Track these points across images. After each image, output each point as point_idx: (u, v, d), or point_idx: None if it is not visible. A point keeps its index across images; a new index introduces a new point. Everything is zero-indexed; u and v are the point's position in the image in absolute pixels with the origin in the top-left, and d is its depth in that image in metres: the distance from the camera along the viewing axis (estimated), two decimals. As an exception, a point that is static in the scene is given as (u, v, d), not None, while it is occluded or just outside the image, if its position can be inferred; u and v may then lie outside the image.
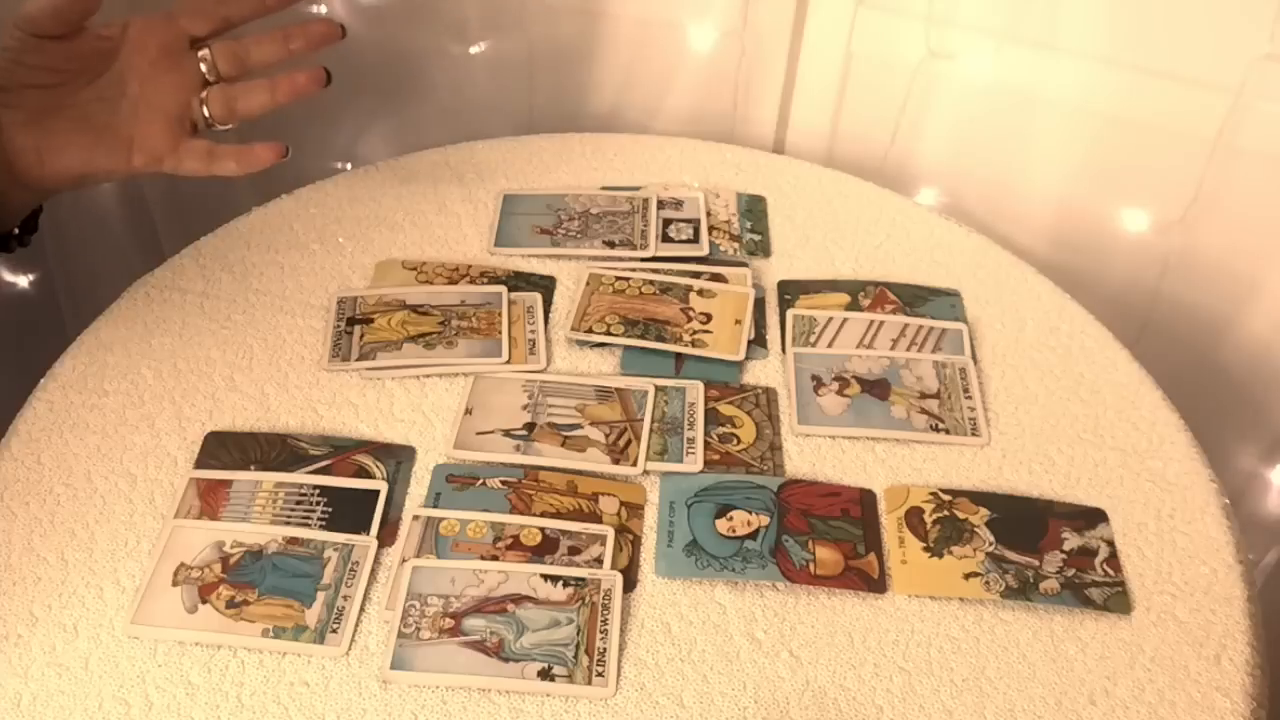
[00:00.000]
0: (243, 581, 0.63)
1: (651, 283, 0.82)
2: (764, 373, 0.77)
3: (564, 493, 0.68)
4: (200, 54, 0.71)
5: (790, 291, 0.82)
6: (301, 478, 0.68)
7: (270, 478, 0.68)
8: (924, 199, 1.00)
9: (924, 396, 0.75)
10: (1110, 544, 0.66)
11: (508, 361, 0.76)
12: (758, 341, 0.78)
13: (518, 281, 0.82)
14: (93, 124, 0.68)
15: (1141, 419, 0.74)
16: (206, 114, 0.71)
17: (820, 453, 0.72)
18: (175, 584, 0.62)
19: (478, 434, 0.71)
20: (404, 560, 0.64)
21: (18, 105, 0.65)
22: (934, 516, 0.67)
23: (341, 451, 0.70)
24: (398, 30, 1.06)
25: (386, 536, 0.65)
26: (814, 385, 0.75)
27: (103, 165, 0.69)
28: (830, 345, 0.78)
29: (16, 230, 0.71)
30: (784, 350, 0.78)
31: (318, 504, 0.67)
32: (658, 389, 0.74)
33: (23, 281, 1.09)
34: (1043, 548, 0.66)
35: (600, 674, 0.59)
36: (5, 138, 0.65)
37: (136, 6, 0.71)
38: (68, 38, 0.65)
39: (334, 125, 1.12)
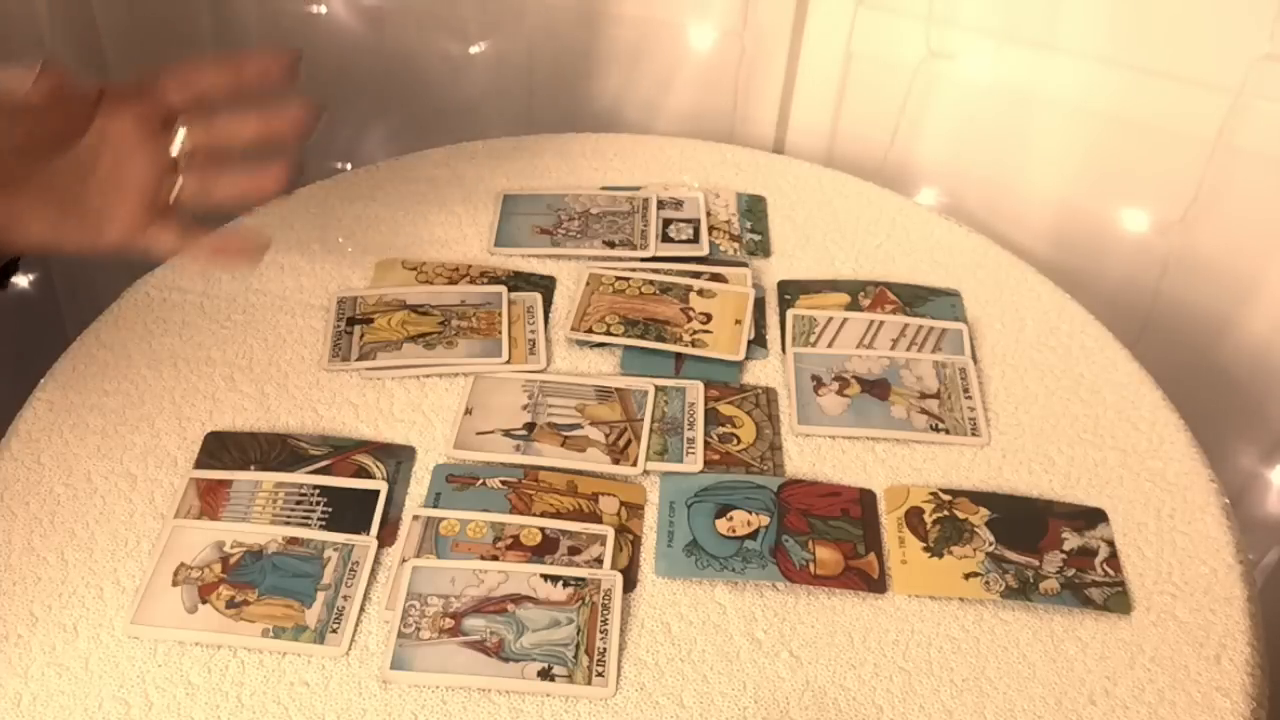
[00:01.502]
0: (243, 581, 0.63)
1: (651, 283, 0.82)
2: (764, 373, 0.77)
3: (564, 493, 0.68)
4: (175, 129, 0.66)
5: (790, 291, 0.82)
6: (301, 478, 0.68)
7: (270, 478, 0.68)
8: (924, 199, 1.00)
9: (924, 396, 0.75)
10: (1110, 544, 0.66)
11: (508, 361, 0.76)
12: (758, 341, 0.78)
13: (518, 281, 0.82)
14: (61, 197, 0.64)
15: (1141, 419, 0.74)
16: (177, 195, 0.66)
17: (820, 453, 0.72)
18: (175, 584, 0.62)
19: (478, 434, 0.71)
20: (404, 560, 0.64)
21: None
22: (934, 516, 0.67)
23: (341, 451, 0.70)
24: (398, 30, 1.06)
25: (386, 536, 0.65)
26: (814, 385, 0.75)
27: (71, 239, 0.65)
28: (830, 345, 0.78)
29: None
30: (784, 350, 0.78)
31: (318, 504, 0.67)
32: (658, 389, 0.74)
33: (23, 281, 1.09)
34: (1043, 548, 0.66)
35: (600, 674, 0.59)
36: None
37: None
38: (38, 108, 0.61)
39: (334, 125, 1.12)
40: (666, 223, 0.87)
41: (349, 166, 1.14)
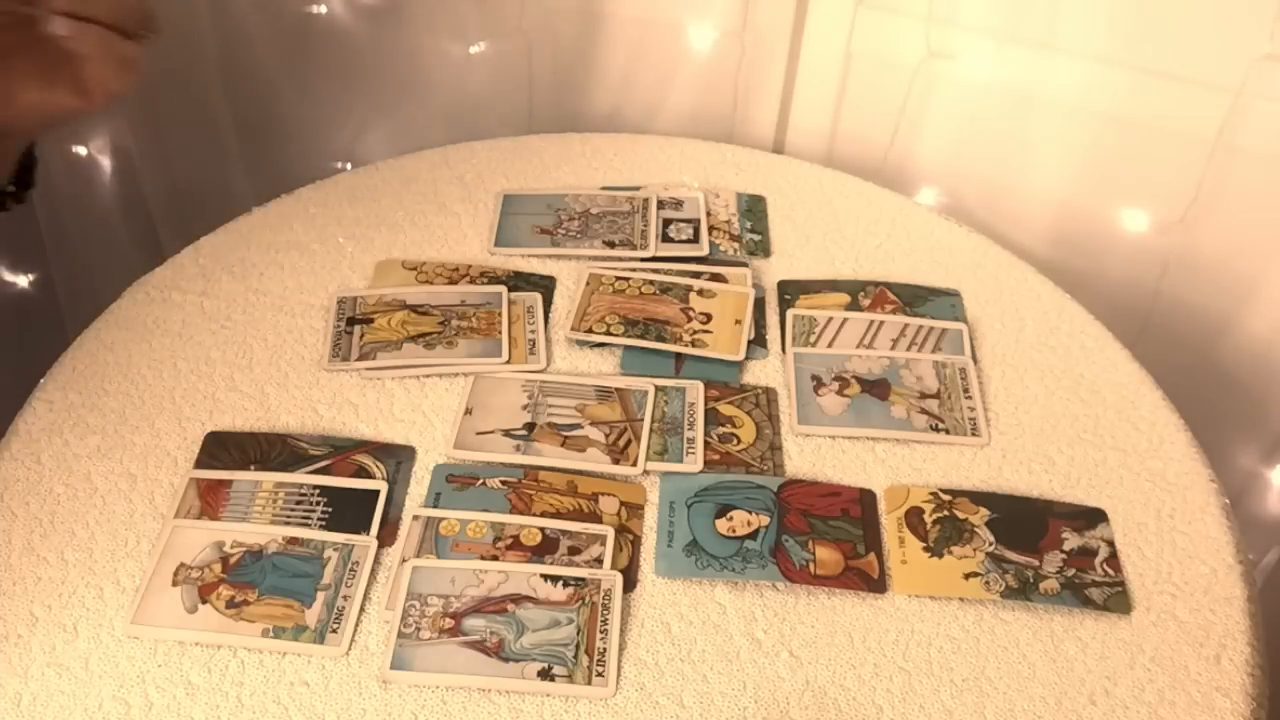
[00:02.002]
0: (243, 581, 0.63)
1: (651, 283, 0.82)
2: (764, 373, 0.77)
3: (564, 493, 0.68)
4: None
5: (790, 291, 0.82)
6: (301, 478, 0.68)
7: (270, 478, 0.68)
8: (924, 199, 1.00)
9: (924, 396, 0.75)
10: (1110, 544, 0.66)
11: (508, 361, 0.76)
12: (758, 341, 0.78)
13: (518, 281, 0.82)
14: (53, 58, 0.58)
15: (1141, 419, 0.74)
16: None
17: (820, 453, 0.72)
18: (175, 584, 0.62)
19: (478, 434, 0.71)
20: (404, 560, 0.64)
21: None
22: (934, 516, 0.67)
23: (341, 451, 0.70)
24: (398, 30, 1.06)
25: (386, 536, 0.65)
26: (814, 385, 0.75)
27: (64, 103, 0.59)
28: (830, 345, 0.78)
29: (13, 187, 0.67)
30: (784, 350, 0.78)
31: (318, 504, 0.67)
32: (658, 389, 0.74)
33: (23, 281, 1.09)
34: (1043, 548, 0.66)
35: (600, 674, 0.59)
36: None
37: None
38: None
39: (334, 125, 1.12)
40: (666, 223, 0.87)
41: (349, 166, 1.14)
